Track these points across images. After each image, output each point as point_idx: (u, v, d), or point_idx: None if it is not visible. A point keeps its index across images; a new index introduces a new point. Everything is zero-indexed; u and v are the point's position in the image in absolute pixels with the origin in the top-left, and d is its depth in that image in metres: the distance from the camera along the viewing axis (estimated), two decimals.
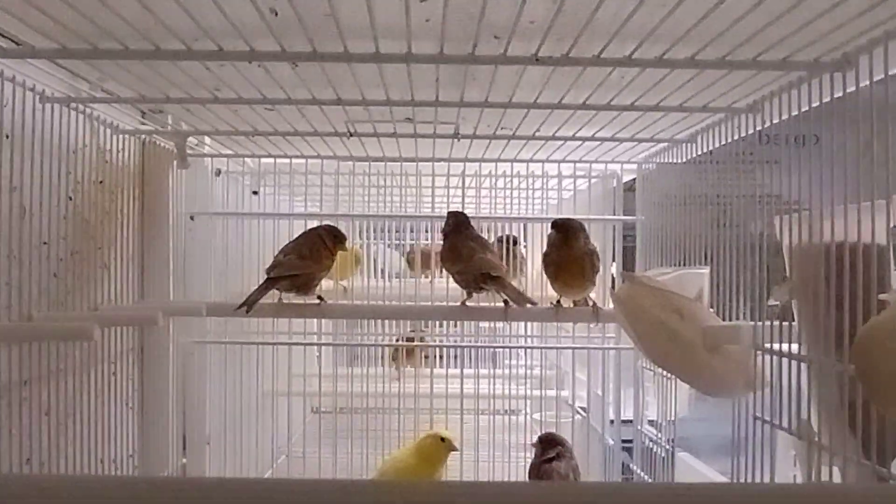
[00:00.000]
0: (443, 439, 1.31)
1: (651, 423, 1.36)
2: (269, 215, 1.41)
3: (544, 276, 1.09)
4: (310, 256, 1.07)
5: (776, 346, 0.79)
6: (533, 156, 1.28)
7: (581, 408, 1.60)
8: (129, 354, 1.10)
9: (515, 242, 1.44)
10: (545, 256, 1.08)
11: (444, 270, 1.26)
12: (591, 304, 1.11)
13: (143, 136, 1.13)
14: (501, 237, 1.45)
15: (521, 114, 0.97)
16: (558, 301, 1.09)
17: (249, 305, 0.99)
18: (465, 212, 1.16)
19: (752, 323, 0.83)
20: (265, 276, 1.04)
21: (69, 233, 0.93)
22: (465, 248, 1.06)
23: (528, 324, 1.69)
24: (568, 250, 1.04)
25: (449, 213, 1.15)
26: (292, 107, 0.94)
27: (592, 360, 1.45)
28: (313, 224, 1.20)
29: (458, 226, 1.11)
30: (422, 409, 1.55)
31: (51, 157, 0.87)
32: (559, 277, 1.06)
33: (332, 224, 1.16)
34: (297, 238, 1.12)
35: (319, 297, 1.09)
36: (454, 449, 1.32)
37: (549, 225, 1.08)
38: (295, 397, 1.54)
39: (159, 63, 0.79)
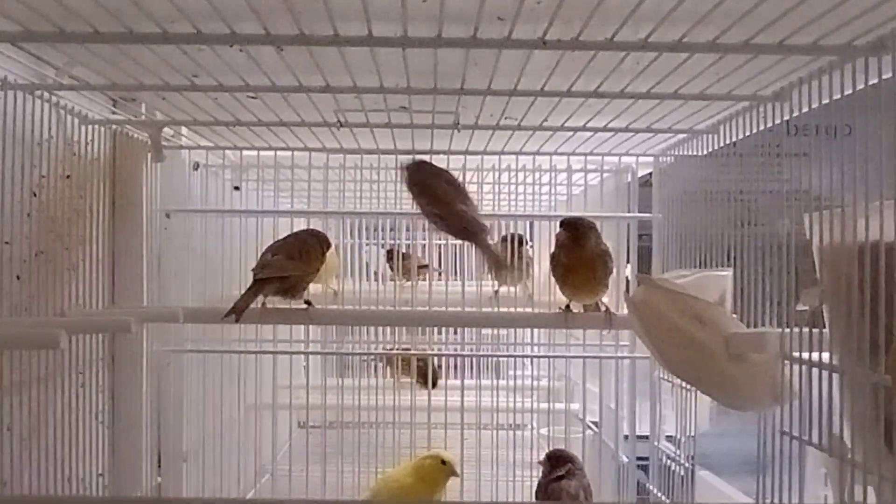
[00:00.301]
0: (444, 462, 1.31)
1: (669, 438, 1.36)
2: (252, 213, 1.40)
3: (552, 278, 1.09)
4: (299, 257, 1.06)
5: (805, 355, 0.79)
6: (540, 148, 1.28)
7: (592, 422, 1.60)
8: (99, 364, 1.10)
9: (522, 242, 1.44)
10: (553, 257, 1.08)
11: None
12: (603, 309, 1.11)
13: (115, 127, 1.13)
14: (506, 236, 1.45)
15: (527, 102, 0.97)
16: (568, 306, 1.09)
17: (238, 312, 0.98)
18: None
19: (779, 330, 0.83)
20: (252, 278, 1.03)
21: (33, 232, 0.93)
22: (440, 190, 1.06)
23: (535, 330, 1.69)
24: (578, 251, 1.04)
25: (408, 164, 1.11)
26: (277, 95, 0.94)
27: (605, 371, 1.45)
28: (300, 222, 1.21)
29: (421, 170, 1.10)
30: (419, 424, 1.55)
31: (13, 150, 0.87)
32: (569, 280, 1.06)
33: (316, 229, 1.16)
34: (284, 238, 1.12)
35: (307, 302, 1.09)
36: (455, 474, 1.32)
37: (558, 223, 1.08)
38: (280, 411, 1.53)
39: (132, 47, 0.78)
